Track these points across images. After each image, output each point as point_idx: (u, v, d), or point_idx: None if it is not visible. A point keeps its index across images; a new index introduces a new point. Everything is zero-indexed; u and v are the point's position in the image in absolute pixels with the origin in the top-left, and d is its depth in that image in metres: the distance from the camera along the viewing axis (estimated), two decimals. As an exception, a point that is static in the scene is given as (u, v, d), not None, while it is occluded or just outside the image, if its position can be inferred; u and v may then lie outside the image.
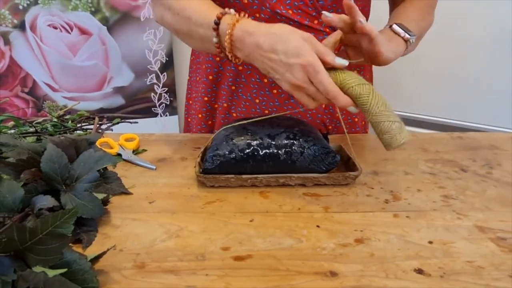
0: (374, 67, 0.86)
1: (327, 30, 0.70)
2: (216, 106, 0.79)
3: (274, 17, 0.67)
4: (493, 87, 1.33)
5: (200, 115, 0.81)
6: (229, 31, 0.53)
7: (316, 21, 0.69)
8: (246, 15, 0.55)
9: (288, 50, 0.50)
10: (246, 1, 0.67)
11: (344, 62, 0.51)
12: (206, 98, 0.79)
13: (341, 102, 0.50)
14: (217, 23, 0.55)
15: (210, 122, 0.82)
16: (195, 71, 0.83)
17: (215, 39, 0.56)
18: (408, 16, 0.70)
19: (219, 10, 0.56)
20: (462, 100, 1.39)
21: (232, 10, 0.56)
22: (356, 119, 0.82)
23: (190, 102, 0.87)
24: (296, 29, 0.53)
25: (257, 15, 0.68)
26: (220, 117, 0.79)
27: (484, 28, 1.29)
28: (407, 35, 0.63)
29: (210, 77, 0.77)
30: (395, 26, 0.64)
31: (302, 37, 0.51)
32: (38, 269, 0.34)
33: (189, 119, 0.88)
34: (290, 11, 0.67)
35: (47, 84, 1.55)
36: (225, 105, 0.78)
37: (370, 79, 0.85)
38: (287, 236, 0.47)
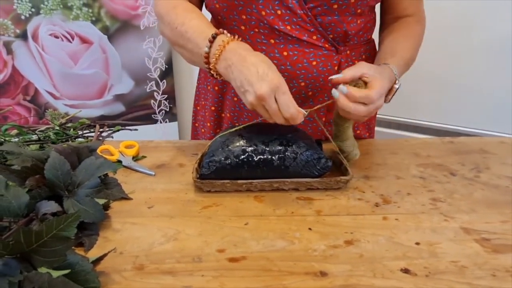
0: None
1: (326, 45, 0.71)
2: (223, 115, 0.82)
3: (272, 32, 0.69)
4: (486, 92, 1.35)
5: (208, 124, 0.84)
6: (224, 42, 0.59)
7: (314, 37, 0.69)
8: (240, 39, 0.61)
9: (265, 69, 0.55)
10: (244, 17, 0.69)
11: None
12: (213, 108, 0.82)
13: (297, 121, 0.56)
14: (214, 37, 0.60)
15: (218, 131, 0.84)
16: (204, 79, 0.86)
17: (206, 49, 0.60)
18: (398, 50, 0.72)
19: (215, 30, 0.61)
20: (455, 105, 1.41)
21: (224, 32, 0.61)
22: (358, 132, 0.84)
23: (198, 108, 0.89)
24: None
25: (256, 30, 0.70)
26: (225, 126, 0.82)
27: (478, 34, 1.31)
28: (396, 86, 0.67)
29: (216, 88, 0.80)
30: (395, 73, 0.67)
31: (278, 76, 0.56)
32: (43, 270, 0.36)
33: (196, 124, 0.91)
34: (288, 27, 0.68)
35: (49, 92, 1.57)
36: (228, 115, 0.80)
37: None
38: (280, 238, 0.49)
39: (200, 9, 0.78)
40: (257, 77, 0.54)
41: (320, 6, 0.67)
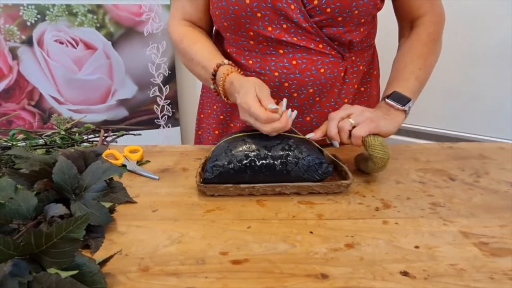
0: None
1: (333, 53, 0.73)
2: (232, 125, 0.84)
3: (280, 43, 0.71)
4: (486, 98, 1.36)
5: (217, 132, 0.86)
6: (222, 82, 0.68)
7: (321, 45, 0.71)
8: (236, 68, 0.70)
9: (240, 94, 0.64)
10: (252, 34, 0.71)
11: (274, 107, 0.60)
12: (222, 117, 0.84)
13: (277, 125, 0.60)
14: (214, 75, 0.70)
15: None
16: (209, 88, 0.87)
17: (212, 86, 0.72)
18: (407, 70, 0.74)
19: (216, 62, 0.70)
20: (455, 111, 1.42)
21: (226, 61, 0.70)
22: None
23: (202, 116, 0.91)
24: (259, 81, 0.64)
25: (264, 43, 0.72)
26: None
27: (478, 40, 1.33)
28: (401, 107, 0.68)
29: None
30: (389, 101, 0.69)
31: (254, 84, 0.63)
32: (52, 271, 0.37)
33: (200, 132, 0.92)
34: (295, 38, 0.70)
35: (53, 97, 1.59)
36: (238, 125, 0.82)
37: (377, 96, 0.88)
38: (282, 241, 0.50)
39: (211, 29, 0.84)
40: (238, 104, 0.63)
41: (326, 20, 0.69)
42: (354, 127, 0.63)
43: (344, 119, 0.64)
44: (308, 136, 0.65)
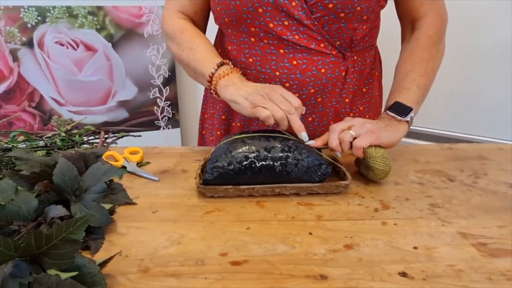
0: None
1: (334, 52, 0.73)
2: (234, 124, 0.84)
3: (281, 43, 0.71)
4: (485, 99, 1.37)
5: (218, 132, 0.86)
6: (228, 70, 0.68)
7: (322, 45, 0.71)
8: (240, 72, 0.70)
9: (260, 87, 0.64)
10: (253, 30, 0.71)
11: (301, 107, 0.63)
12: (223, 117, 0.84)
13: (296, 102, 0.62)
14: (222, 64, 0.69)
15: None
16: None
17: (212, 70, 0.69)
18: (408, 78, 0.74)
19: (219, 59, 0.70)
20: (455, 112, 1.42)
21: (230, 63, 0.70)
22: None
23: (206, 116, 0.91)
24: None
25: (265, 41, 0.72)
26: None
27: (477, 40, 1.33)
28: (403, 119, 0.68)
29: None
30: (390, 112, 0.69)
31: (278, 86, 0.65)
32: (52, 272, 0.37)
33: (203, 132, 0.93)
34: (296, 36, 0.70)
35: (54, 99, 1.60)
36: (238, 124, 0.82)
37: (379, 96, 0.89)
38: (281, 242, 0.50)
39: (205, 28, 0.84)
40: (260, 85, 0.64)
41: (327, 15, 0.69)
42: (355, 138, 0.63)
43: (345, 130, 0.64)
44: (308, 143, 0.64)
